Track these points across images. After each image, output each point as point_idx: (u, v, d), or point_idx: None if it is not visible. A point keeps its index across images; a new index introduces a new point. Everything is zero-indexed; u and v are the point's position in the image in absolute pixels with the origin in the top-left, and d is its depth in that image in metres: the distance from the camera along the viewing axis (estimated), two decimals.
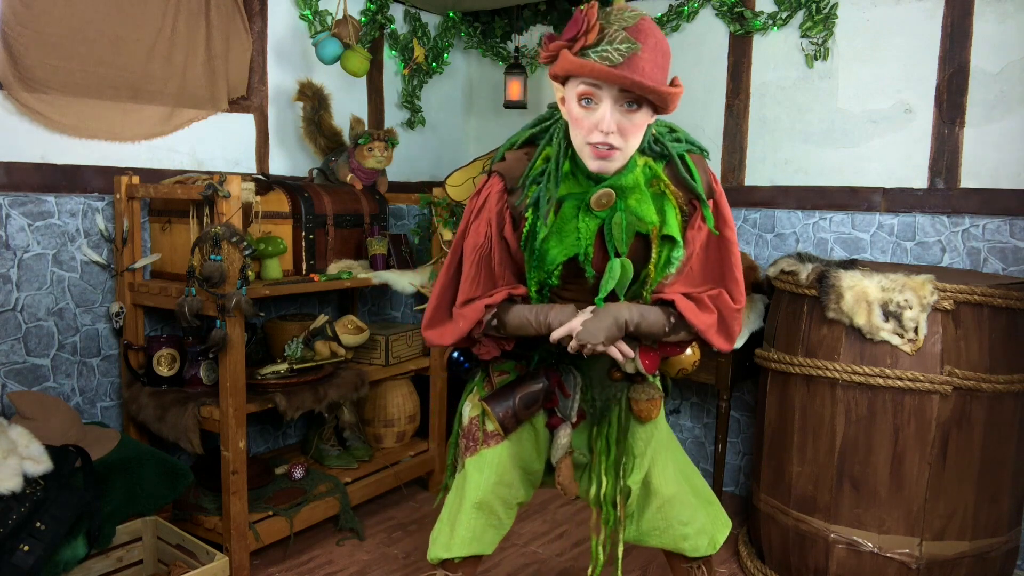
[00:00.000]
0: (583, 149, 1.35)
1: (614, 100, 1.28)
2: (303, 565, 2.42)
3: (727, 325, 1.48)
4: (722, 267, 1.49)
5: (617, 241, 1.41)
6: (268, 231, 2.46)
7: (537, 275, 1.46)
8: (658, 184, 1.43)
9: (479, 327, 1.48)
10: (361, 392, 2.59)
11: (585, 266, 1.43)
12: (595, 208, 1.40)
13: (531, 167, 1.44)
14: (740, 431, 3.10)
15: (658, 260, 1.43)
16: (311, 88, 2.76)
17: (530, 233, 1.43)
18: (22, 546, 1.67)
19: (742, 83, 2.97)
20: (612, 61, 1.24)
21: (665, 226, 1.41)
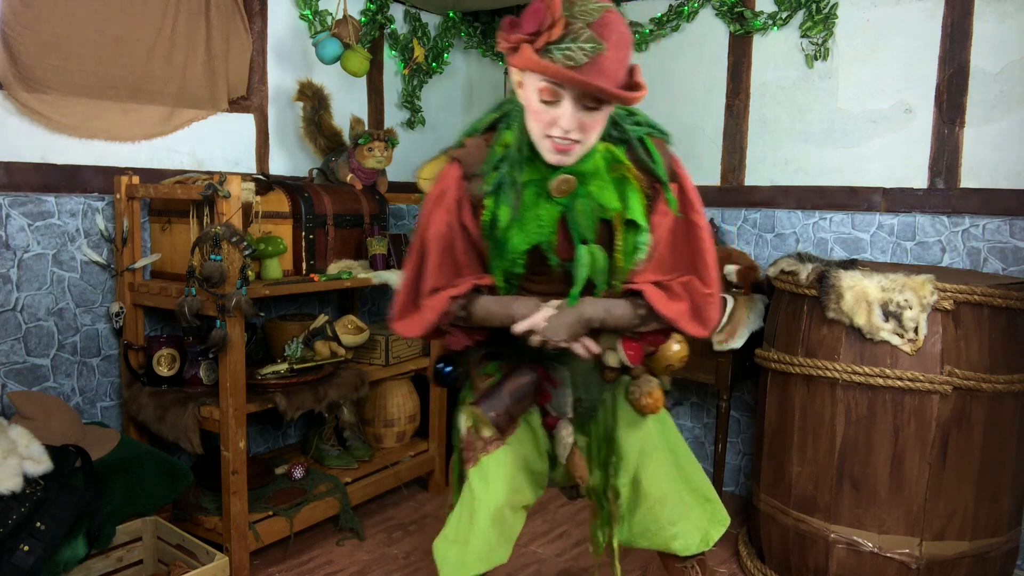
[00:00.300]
0: (541, 142, 1.31)
1: (576, 99, 1.25)
2: (303, 565, 2.42)
3: (700, 311, 1.43)
4: (691, 252, 1.44)
5: (582, 228, 1.37)
6: (268, 231, 2.46)
7: (501, 264, 1.42)
8: (619, 169, 1.39)
9: (446, 317, 1.45)
10: (361, 392, 2.59)
11: (548, 254, 1.39)
12: (555, 195, 1.36)
13: (491, 153, 1.40)
14: (740, 431, 3.10)
15: (625, 247, 1.40)
16: (311, 88, 2.76)
17: (491, 221, 1.39)
18: (22, 546, 1.67)
19: (742, 83, 2.97)
20: (576, 62, 1.19)
21: (628, 211, 1.38)
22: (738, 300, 2.57)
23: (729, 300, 2.57)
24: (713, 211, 3.08)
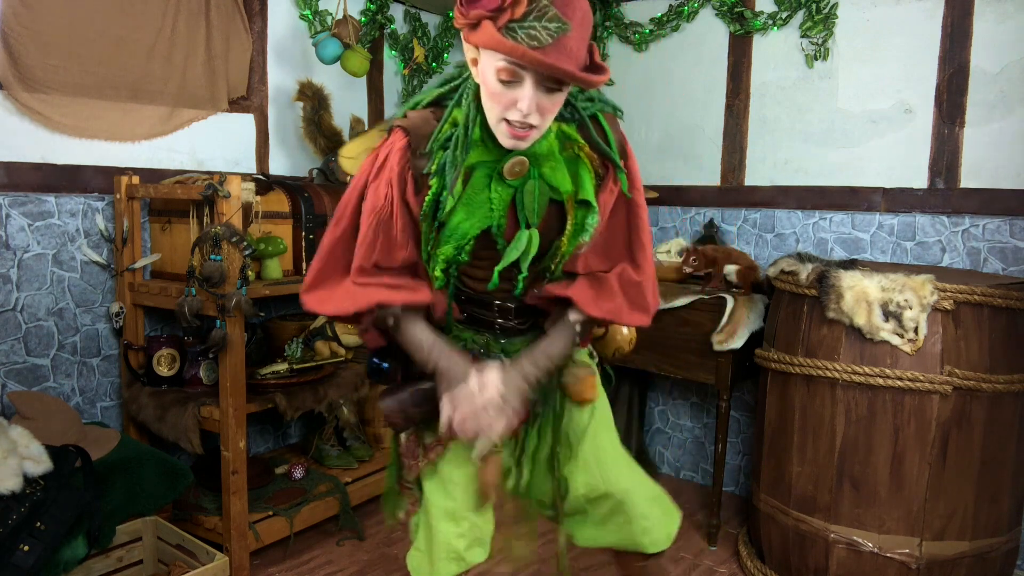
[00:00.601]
0: (497, 125, 1.24)
1: (537, 81, 1.17)
2: (303, 565, 2.42)
3: (637, 300, 1.38)
4: (628, 232, 1.39)
5: (528, 212, 1.31)
6: (268, 231, 2.46)
7: (446, 251, 1.32)
8: (572, 147, 1.34)
9: (368, 315, 1.34)
10: (361, 392, 2.59)
11: (497, 238, 1.32)
12: (508, 177, 1.30)
13: (439, 130, 1.30)
14: (740, 431, 3.10)
15: (572, 228, 1.34)
16: (311, 88, 2.76)
17: (434, 203, 1.31)
18: (22, 546, 1.67)
19: (742, 83, 2.97)
20: (540, 42, 1.12)
21: (581, 191, 1.33)
22: (738, 300, 2.57)
23: (729, 300, 2.57)
24: (713, 211, 3.08)
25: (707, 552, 2.60)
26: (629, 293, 1.38)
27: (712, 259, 2.70)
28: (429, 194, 1.30)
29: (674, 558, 2.54)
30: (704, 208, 3.10)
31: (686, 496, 3.06)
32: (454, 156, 1.28)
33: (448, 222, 1.31)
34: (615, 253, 1.40)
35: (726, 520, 2.84)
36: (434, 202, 1.31)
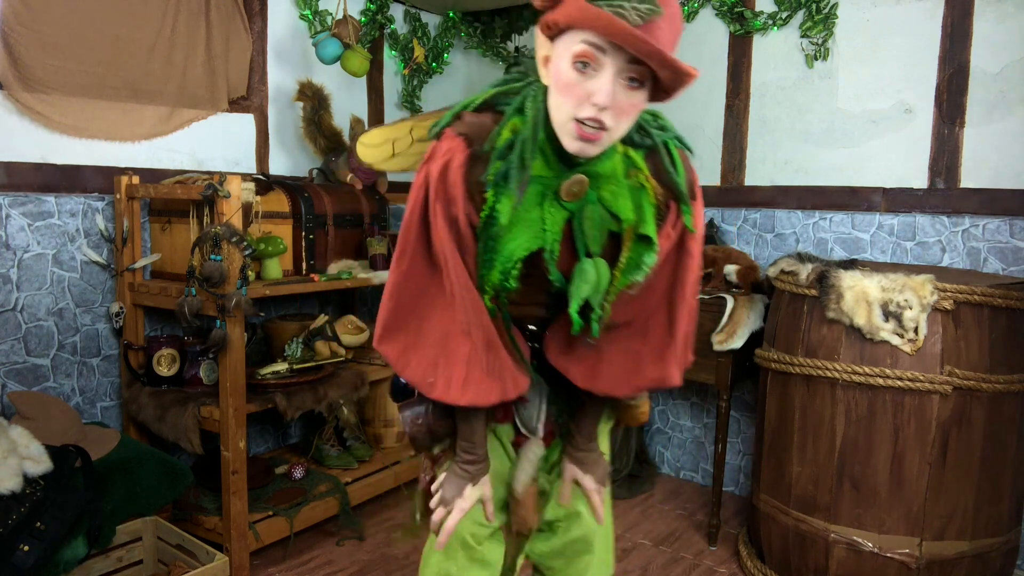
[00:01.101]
0: (565, 124, 1.08)
1: (618, 70, 1.03)
2: (303, 565, 2.42)
3: (663, 368, 1.24)
4: (672, 282, 1.23)
5: (589, 239, 1.16)
6: (268, 231, 2.46)
7: (492, 277, 1.15)
8: (636, 175, 1.19)
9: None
10: (361, 392, 2.59)
11: (550, 265, 1.16)
12: (565, 197, 1.15)
13: (496, 135, 1.14)
14: (740, 431, 3.10)
15: (626, 263, 1.18)
16: (311, 88, 2.76)
17: (488, 219, 1.14)
18: (22, 546, 1.66)
19: (742, 83, 2.97)
20: (630, 20, 0.98)
21: (642, 224, 1.17)
22: (738, 300, 2.57)
23: (729, 300, 2.57)
24: (713, 211, 3.08)
25: (707, 552, 2.60)
26: (654, 362, 1.24)
27: (712, 259, 2.70)
28: (485, 208, 1.14)
29: (674, 558, 2.54)
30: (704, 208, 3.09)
31: (686, 496, 3.06)
32: (520, 160, 1.12)
33: (497, 238, 1.15)
34: (649, 303, 1.24)
35: (726, 520, 2.84)
36: (488, 217, 1.14)
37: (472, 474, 1.28)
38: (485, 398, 1.16)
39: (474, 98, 1.22)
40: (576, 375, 1.25)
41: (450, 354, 1.16)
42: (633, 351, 1.24)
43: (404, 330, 1.18)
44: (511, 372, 1.18)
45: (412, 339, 1.18)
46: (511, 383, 1.18)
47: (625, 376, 1.24)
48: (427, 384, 1.16)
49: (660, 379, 1.24)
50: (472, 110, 1.20)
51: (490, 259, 1.15)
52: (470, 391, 1.15)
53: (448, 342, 1.16)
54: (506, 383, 1.17)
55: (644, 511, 2.91)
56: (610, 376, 1.24)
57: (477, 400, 1.16)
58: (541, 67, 1.13)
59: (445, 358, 1.16)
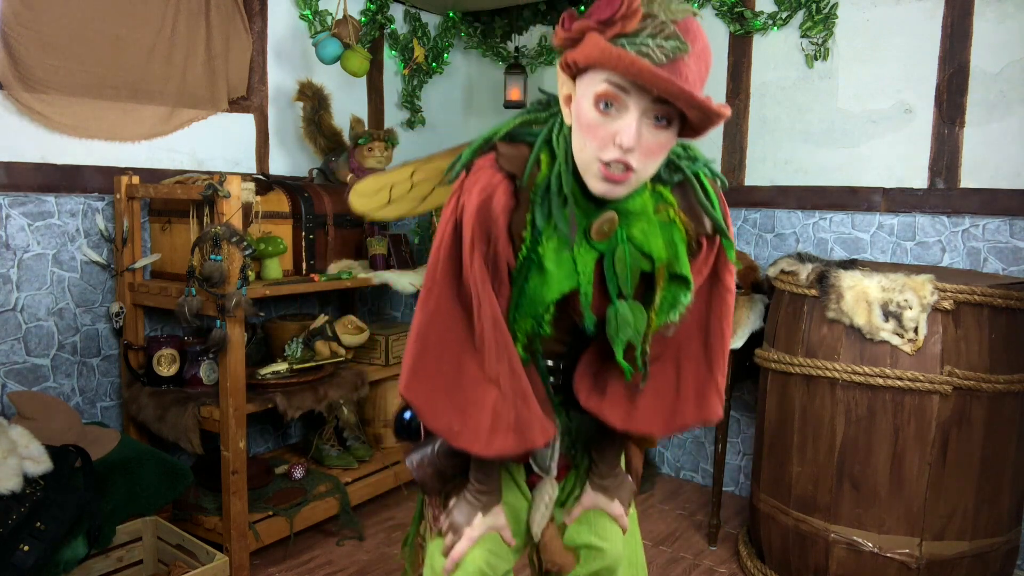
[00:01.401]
0: (590, 165, 1.03)
1: (643, 111, 0.98)
2: (303, 565, 2.42)
3: (703, 407, 1.20)
4: (707, 318, 1.19)
5: (622, 280, 1.11)
6: (268, 231, 2.46)
7: (525, 326, 1.11)
8: (666, 210, 1.13)
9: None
10: (361, 392, 2.59)
11: (584, 309, 1.10)
12: (595, 237, 1.09)
13: (528, 169, 1.09)
14: (740, 431, 3.10)
15: (661, 304, 1.13)
16: (311, 88, 2.76)
17: (526, 261, 1.09)
18: (22, 546, 1.66)
19: (742, 83, 2.97)
20: (654, 59, 0.94)
21: (676, 263, 1.12)
22: (738, 300, 2.57)
23: None
24: None
25: (707, 552, 2.60)
26: (695, 400, 1.20)
27: None
28: (523, 249, 1.09)
29: (674, 558, 2.54)
30: None
31: (686, 496, 3.06)
32: (563, 201, 1.07)
33: (528, 285, 1.09)
34: (679, 334, 1.19)
35: (726, 520, 2.84)
36: (527, 259, 1.09)
37: (483, 503, 1.23)
38: (512, 449, 1.10)
39: (498, 128, 1.16)
40: (612, 417, 1.19)
41: (478, 401, 1.09)
42: (668, 386, 1.20)
43: (432, 374, 1.11)
44: (540, 421, 1.12)
45: (440, 384, 1.10)
46: (539, 433, 1.12)
47: (665, 415, 1.19)
48: (452, 432, 1.10)
49: (703, 420, 1.20)
50: (490, 147, 1.14)
51: (522, 304, 1.10)
52: (497, 442, 1.09)
53: (477, 388, 1.10)
54: (534, 433, 1.11)
55: (644, 511, 2.91)
56: (648, 416, 1.19)
57: (504, 452, 1.10)
58: (563, 106, 1.09)
59: (474, 406, 1.09)
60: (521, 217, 1.09)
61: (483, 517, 1.23)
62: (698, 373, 1.20)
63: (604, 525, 1.34)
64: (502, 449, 1.09)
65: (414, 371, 1.11)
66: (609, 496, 1.32)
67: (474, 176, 1.11)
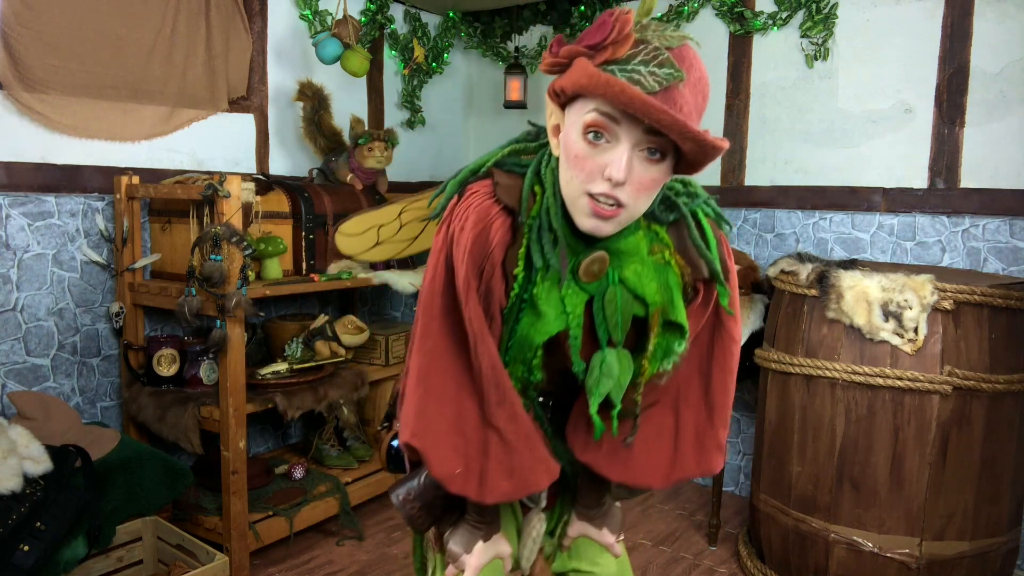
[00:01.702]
0: (577, 200, 0.97)
1: (634, 142, 0.92)
2: (303, 565, 2.42)
3: (704, 457, 1.14)
4: (710, 363, 1.12)
5: (612, 325, 1.04)
6: (268, 231, 2.46)
7: (515, 371, 1.06)
8: (661, 251, 1.06)
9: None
10: (361, 392, 2.59)
11: (573, 355, 1.04)
12: (584, 278, 1.03)
13: (524, 203, 1.02)
14: (740, 431, 3.10)
15: (654, 351, 1.06)
16: (311, 88, 2.76)
17: (518, 300, 1.03)
18: (22, 546, 1.66)
19: (742, 83, 2.97)
20: (646, 87, 0.88)
21: (671, 309, 1.05)
22: None
23: None
24: None
25: (707, 552, 2.60)
26: (695, 450, 1.14)
27: None
28: (515, 288, 1.03)
29: (674, 558, 2.54)
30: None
31: (686, 496, 3.06)
32: (552, 236, 1.00)
33: (517, 327, 1.04)
34: (677, 379, 1.12)
35: (726, 520, 2.84)
36: (518, 298, 1.03)
37: (484, 531, 1.17)
38: (512, 496, 1.06)
39: (486, 159, 1.10)
40: (609, 471, 1.14)
41: (480, 446, 1.04)
42: (667, 435, 1.14)
43: (436, 419, 1.03)
44: (543, 463, 1.07)
45: (443, 428, 1.03)
46: (543, 475, 1.07)
47: (665, 467, 1.14)
48: (453, 478, 1.03)
49: (703, 470, 1.14)
50: (483, 172, 1.08)
51: (512, 347, 1.05)
52: (498, 489, 1.04)
53: (478, 432, 1.04)
54: (537, 476, 1.06)
55: (644, 511, 2.91)
56: (647, 467, 1.13)
57: (504, 499, 1.05)
58: (551, 136, 1.02)
59: (476, 450, 1.04)
60: (515, 253, 1.02)
61: (484, 545, 1.17)
62: (698, 423, 1.14)
63: (595, 551, 1.31)
64: (502, 496, 1.05)
65: (420, 417, 1.03)
66: (596, 525, 1.27)
67: (467, 203, 1.04)
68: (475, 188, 1.05)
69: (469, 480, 1.03)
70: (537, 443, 1.06)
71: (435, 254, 1.04)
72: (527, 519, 1.23)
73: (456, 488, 1.04)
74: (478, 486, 1.03)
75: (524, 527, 1.23)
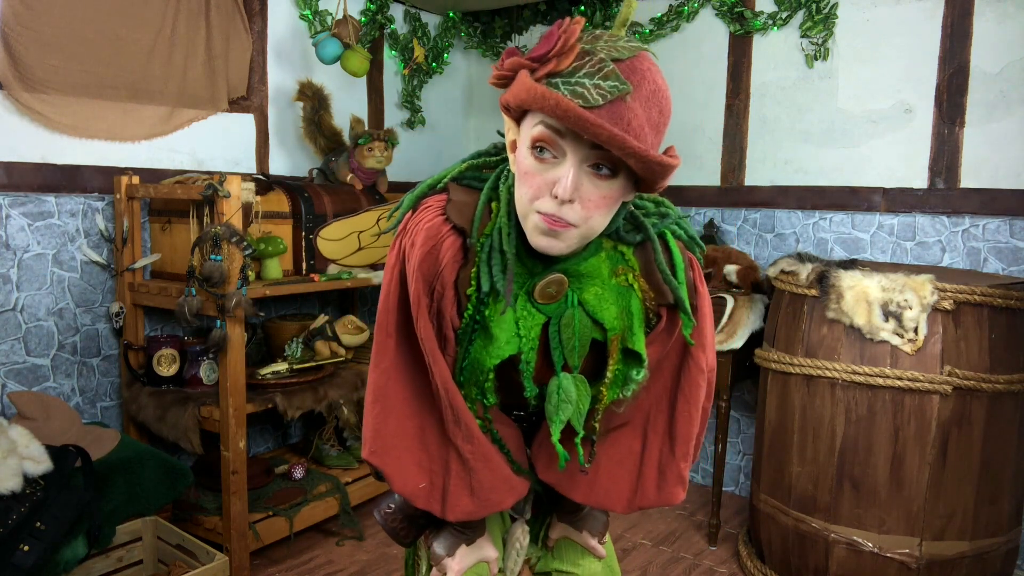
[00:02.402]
0: (528, 216, 0.93)
1: (581, 158, 0.89)
2: (303, 565, 2.42)
3: (678, 477, 1.12)
4: (675, 398, 1.09)
5: (567, 350, 1.01)
6: (268, 231, 2.46)
7: (469, 390, 1.03)
8: (625, 274, 1.03)
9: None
10: (361, 392, 2.59)
11: (525, 380, 1.02)
12: (539, 299, 1.00)
13: (477, 221, 0.99)
14: (740, 431, 3.10)
15: (613, 378, 1.03)
16: (311, 88, 2.76)
17: (471, 322, 1.01)
18: (22, 546, 1.67)
19: (742, 83, 2.97)
20: (588, 101, 0.84)
21: (631, 339, 1.02)
22: (738, 300, 2.57)
23: (729, 300, 2.57)
24: (713, 211, 3.08)
25: (707, 552, 2.60)
26: (657, 480, 1.12)
27: (712, 259, 2.70)
28: (469, 308, 1.00)
29: (674, 558, 2.54)
30: (704, 208, 3.10)
31: (686, 496, 3.06)
32: (502, 258, 0.97)
33: (470, 348, 1.02)
34: (643, 404, 1.10)
35: (726, 520, 2.84)
36: (471, 321, 1.01)
37: (467, 535, 1.16)
38: (474, 514, 1.05)
39: (444, 173, 1.06)
40: (572, 492, 1.13)
41: (442, 461, 1.04)
42: (632, 460, 1.12)
43: (396, 436, 1.03)
44: (505, 482, 1.06)
45: (403, 445, 1.03)
46: (506, 494, 1.06)
47: (628, 492, 1.12)
48: (417, 494, 1.04)
49: (663, 501, 1.12)
50: (441, 186, 1.05)
51: (466, 369, 1.02)
52: (459, 507, 1.03)
53: (440, 449, 1.04)
54: (499, 494, 1.05)
55: (644, 511, 2.91)
56: (610, 491, 1.12)
57: (465, 516, 1.04)
58: (509, 151, 0.99)
59: (438, 465, 1.04)
60: (468, 274, 0.99)
61: (467, 549, 1.16)
62: (661, 453, 1.11)
63: (577, 552, 1.30)
64: (464, 514, 1.04)
65: (377, 435, 1.03)
66: (577, 528, 1.27)
67: (418, 217, 1.01)
68: (429, 203, 1.02)
69: (433, 495, 1.03)
70: (496, 462, 1.04)
71: (389, 270, 1.03)
72: (511, 530, 1.23)
73: (421, 503, 1.03)
74: (441, 503, 1.03)
75: (508, 538, 1.23)
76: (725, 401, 2.61)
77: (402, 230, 1.03)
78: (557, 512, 1.28)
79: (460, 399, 1.01)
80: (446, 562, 1.15)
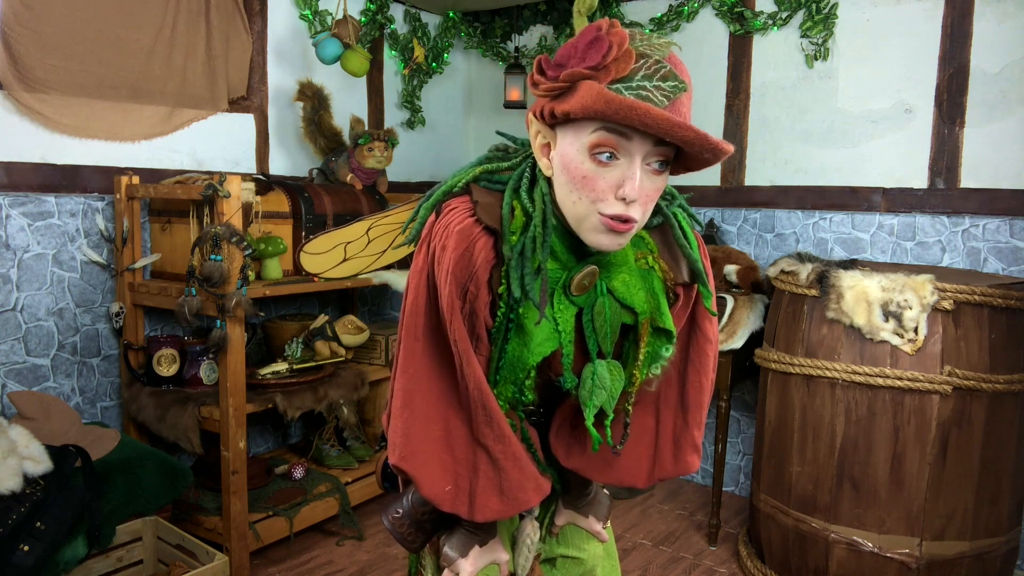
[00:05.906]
0: (586, 219, 0.94)
1: (644, 156, 0.91)
2: (303, 565, 2.42)
3: (692, 446, 1.16)
4: (686, 364, 1.13)
5: (601, 337, 1.04)
6: (268, 231, 2.46)
7: (505, 392, 1.05)
8: (645, 257, 1.06)
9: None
10: (361, 392, 2.59)
11: (566, 370, 1.04)
12: (575, 292, 1.02)
13: (506, 224, 0.99)
14: (740, 431, 3.10)
15: (645, 358, 1.06)
16: (311, 88, 2.76)
17: (504, 323, 1.01)
18: (22, 546, 1.66)
19: (742, 83, 2.97)
20: (656, 102, 0.87)
21: (659, 316, 1.05)
22: (738, 300, 2.57)
23: (729, 300, 2.56)
24: (713, 211, 3.08)
25: (707, 552, 2.60)
26: (672, 451, 1.15)
27: (712, 259, 2.70)
28: (500, 310, 1.01)
29: (674, 558, 2.54)
30: (704, 208, 3.10)
31: (686, 496, 3.06)
32: (535, 261, 0.96)
33: (506, 347, 1.02)
34: (661, 387, 1.12)
35: (726, 520, 2.84)
36: (504, 321, 1.01)
37: (480, 536, 1.15)
38: (503, 514, 1.05)
39: (457, 178, 1.06)
40: (593, 473, 1.16)
41: (470, 463, 1.04)
42: (648, 435, 1.15)
43: (423, 441, 1.02)
44: (533, 480, 1.06)
45: (432, 450, 1.03)
46: (533, 492, 1.06)
47: (647, 466, 1.15)
48: (444, 497, 1.03)
49: (680, 471, 1.16)
50: (458, 190, 1.05)
51: (503, 368, 1.03)
52: (489, 507, 1.03)
53: (467, 450, 1.03)
54: (528, 494, 1.05)
55: (644, 511, 2.91)
56: (630, 467, 1.15)
57: (495, 517, 1.04)
58: (539, 156, 0.99)
59: (465, 468, 1.04)
60: (500, 274, 0.99)
61: (480, 550, 1.16)
62: (675, 423, 1.14)
63: (582, 537, 1.32)
64: (493, 514, 1.04)
65: (407, 440, 1.02)
66: (584, 513, 1.28)
67: (446, 220, 1.00)
68: (454, 204, 1.02)
69: (460, 498, 1.03)
70: (525, 461, 1.05)
71: (416, 274, 1.02)
72: (521, 527, 1.23)
73: (447, 507, 1.03)
74: (468, 504, 1.03)
75: (518, 535, 1.23)
76: (725, 401, 2.61)
77: (427, 234, 1.02)
78: (563, 498, 1.29)
79: (493, 400, 1.02)
80: (459, 563, 1.14)
